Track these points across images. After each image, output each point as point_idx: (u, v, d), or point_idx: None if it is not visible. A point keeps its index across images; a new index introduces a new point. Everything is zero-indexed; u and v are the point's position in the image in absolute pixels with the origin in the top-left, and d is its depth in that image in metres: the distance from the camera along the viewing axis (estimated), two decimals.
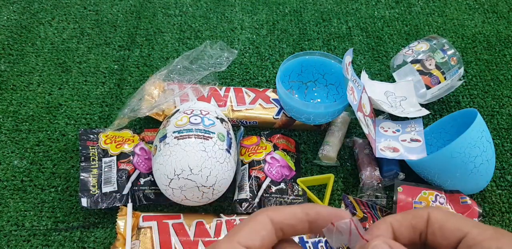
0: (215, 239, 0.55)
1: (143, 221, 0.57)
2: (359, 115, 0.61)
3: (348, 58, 0.62)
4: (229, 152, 0.57)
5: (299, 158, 0.68)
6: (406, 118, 0.71)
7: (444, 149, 0.55)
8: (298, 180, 0.62)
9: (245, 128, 0.71)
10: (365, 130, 0.61)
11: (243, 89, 0.72)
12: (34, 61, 0.79)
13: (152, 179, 0.60)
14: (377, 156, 0.62)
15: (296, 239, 0.56)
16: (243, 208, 0.58)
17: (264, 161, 0.62)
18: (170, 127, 0.58)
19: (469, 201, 0.59)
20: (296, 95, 0.72)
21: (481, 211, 0.59)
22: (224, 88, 0.72)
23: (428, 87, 0.71)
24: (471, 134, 0.55)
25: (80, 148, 0.63)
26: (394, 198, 0.59)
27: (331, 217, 0.25)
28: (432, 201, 0.59)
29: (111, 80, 0.77)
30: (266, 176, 0.61)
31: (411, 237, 0.26)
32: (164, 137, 0.57)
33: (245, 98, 0.71)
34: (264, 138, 0.67)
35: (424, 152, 0.62)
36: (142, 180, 0.60)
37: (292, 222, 0.25)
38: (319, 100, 0.73)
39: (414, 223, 0.26)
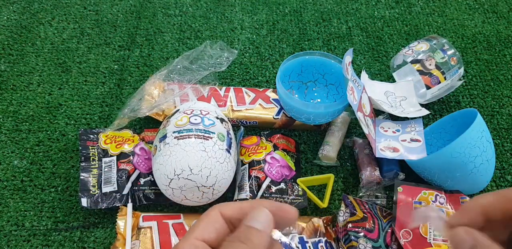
0: None
1: (143, 221, 0.57)
2: (359, 115, 0.61)
3: (348, 58, 0.62)
4: (229, 152, 0.57)
5: (299, 158, 0.68)
6: (406, 118, 0.71)
7: (444, 149, 0.55)
8: (298, 180, 0.62)
9: (245, 128, 0.71)
10: (365, 130, 0.61)
11: (243, 89, 0.72)
12: (34, 61, 0.79)
13: (152, 179, 0.60)
14: (377, 156, 0.62)
15: (296, 239, 0.56)
16: None
17: (264, 161, 0.62)
18: (170, 127, 0.58)
19: (467, 197, 0.60)
20: (296, 95, 0.72)
21: None
22: (224, 88, 0.72)
23: (428, 87, 0.71)
24: (471, 134, 0.55)
25: (80, 148, 0.63)
26: (394, 198, 0.59)
27: (276, 212, 0.26)
28: (432, 201, 0.59)
29: (111, 80, 0.77)
30: (266, 176, 0.61)
31: (505, 221, 0.26)
32: (164, 137, 0.57)
33: (245, 98, 0.71)
34: (264, 138, 0.67)
35: (424, 152, 0.62)
36: (142, 180, 0.60)
37: (240, 216, 0.26)
38: (319, 100, 0.73)
39: (505, 209, 0.25)
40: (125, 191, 0.59)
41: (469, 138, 0.55)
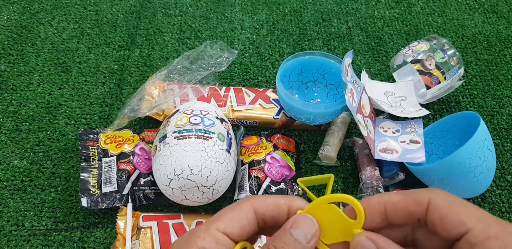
0: None
1: (143, 221, 0.57)
2: (358, 117, 0.60)
3: (347, 60, 0.62)
4: (229, 152, 0.57)
5: (299, 158, 0.68)
6: (406, 118, 0.71)
7: (444, 160, 0.55)
8: (298, 180, 0.62)
9: (245, 128, 0.71)
10: (364, 132, 0.61)
11: (243, 89, 0.72)
12: (34, 61, 0.79)
13: (152, 179, 0.60)
14: (375, 157, 0.62)
15: None
16: None
17: (264, 161, 0.62)
18: (170, 127, 0.58)
19: None
20: (296, 95, 0.72)
21: None
22: (224, 88, 0.72)
23: (428, 87, 0.71)
24: (472, 145, 0.54)
25: (80, 148, 0.63)
26: None
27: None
28: None
29: (111, 80, 0.77)
30: (266, 176, 0.61)
31: (406, 221, 0.24)
32: (164, 137, 0.57)
33: (245, 98, 0.71)
34: (264, 138, 0.67)
35: (422, 154, 0.62)
36: (142, 180, 0.60)
37: (274, 214, 0.25)
38: (319, 100, 0.73)
39: (412, 210, 0.24)
40: (125, 191, 0.59)
41: (470, 149, 0.54)
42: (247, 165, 0.62)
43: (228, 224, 0.24)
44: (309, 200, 0.62)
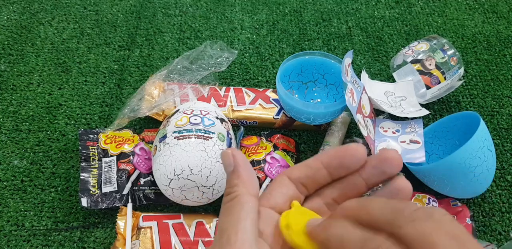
0: None
1: (143, 221, 0.57)
2: (358, 117, 0.60)
3: (347, 60, 0.62)
4: None
5: (299, 158, 0.68)
6: (406, 118, 0.71)
7: (444, 160, 0.55)
8: None
9: (245, 128, 0.71)
10: (364, 132, 0.61)
11: (243, 89, 0.72)
12: (34, 61, 0.79)
13: (152, 179, 0.60)
14: None
15: None
16: None
17: (264, 161, 0.62)
18: (170, 127, 0.58)
19: (459, 203, 0.61)
20: (296, 95, 0.72)
21: (471, 214, 0.60)
22: (224, 88, 0.72)
23: (428, 87, 0.71)
24: (472, 145, 0.54)
25: (80, 148, 0.63)
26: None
27: (342, 154, 0.25)
28: (426, 203, 0.60)
29: (111, 80, 0.77)
30: (266, 176, 0.61)
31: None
32: (164, 137, 0.57)
33: (245, 98, 0.71)
34: (264, 138, 0.67)
35: (422, 154, 0.62)
36: (142, 180, 0.60)
37: (309, 174, 0.25)
38: (319, 100, 0.73)
39: (368, 220, 0.22)
40: (125, 191, 0.59)
41: (470, 149, 0.54)
42: None
43: (271, 198, 0.25)
44: None
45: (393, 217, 0.20)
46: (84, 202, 0.58)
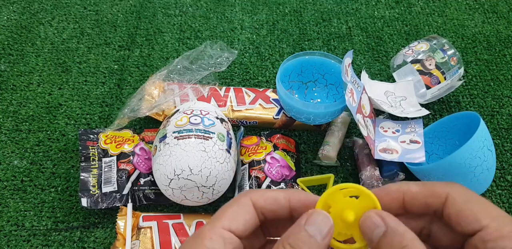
0: None
1: (143, 221, 0.57)
2: (358, 117, 0.60)
3: (347, 60, 0.62)
4: (229, 152, 0.57)
5: (299, 158, 0.68)
6: (406, 118, 0.71)
7: (444, 160, 0.55)
8: (298, 180, 0.62)
9: (245, 128, 0.71)
10: (364, 132, 0.61)
11: (243, 89, 0.72)
12: (34, 61, 0.79)
13: (152, 179, 0.60)
14: (375, 157, 0.62)
15: None
16: None
17: (264, 161, 0.62)
18: (170, 127, 0.58)
19: None
20: (296, 95, 0.72)
21: None
22: (224, 88, 0.72)
23: (428, 87, 0.71)
24: (472, 145, 0.54)
25: (80, 148, 0.63)
26: None
27: (312, 206, 0.24)
28: None
29: (111, 80, 0.77)
30: (266, 176, 0.61)
31: (423, 212, 0.25)
32: (164, 137, 0.57)
33: (245, 98, 0.71)
34: (264, 138, 0.67)
35: (422, 154, 0.62)
36: (142, 180, 0.60)
37: (273, 208, 0.25)
38: (319, 100, 0.73)
39: (430, 202, 0.24)
40: (125, 191, 0.59)
41: (470, 149, 0.54)
42: (247, 165, 0.62)
43: (232, 221, 0.24)
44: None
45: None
46: (84, 202, 0.58)
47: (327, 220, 0.23)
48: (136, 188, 0.60)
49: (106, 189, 0.59)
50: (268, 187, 0.60)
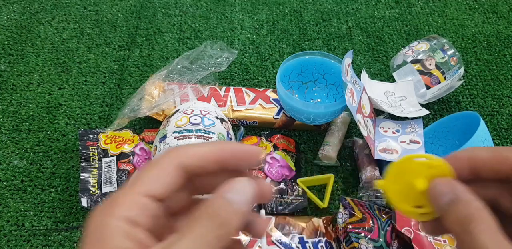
0: None
1: None
2: (358, 117, 0.60)
3: (347, 60, 0.62)
4: None
5: (299, 158, 0.68)
6: (406, 118, 0.71)
7: None
8: (298, 180, 0.62)
9: (245, 128, 0.71)
10: (364, 132, 0.61)
11: (243, 89, 0.72)
12: (34, 61, 0.79)
13: None
14: (375, 157, 0.62)
15: (296, 239, 0.56)
16: None
17: (264, 161, 0.62)
18: (170, 127, 0.58)
19: None
20: (296, 95, 0.72)
21: None
22: (224, 88, 0.72)
23: (428, 87, 0.71)
24: (472, 145, 0.54)
25: (80, 148, 0.63)
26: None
27: (242, 156, 0.23)
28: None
29: (111, 80, 0.77)
30: (266, 176, 0.61)
31: (493, 178, 0.24)
32: (164, 137, 0.57)
33: (245, 98, 0.71)
34: (264, 138, 0.67)
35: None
36: None
37: (202, 164, 0.23)
38: (319, 100, 0.73)
39: (500, 168, 0.24)
40: None
41: None
42: None
43: (151, 185, 0.22)
44: (309, 200, 0.62)
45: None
46: (84, 202, 0.58)
47: (248, 186, 0.22)
48: None
49: (106, 189, 0.59)
50: None
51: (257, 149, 0.24)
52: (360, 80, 0.71)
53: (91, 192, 0.59)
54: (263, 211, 0.58)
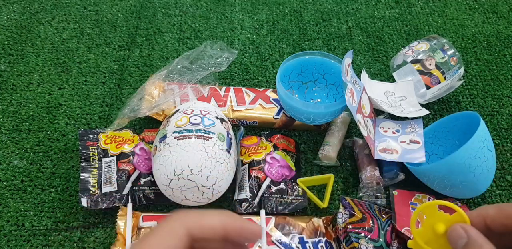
0: None
1: (143, 221, 0.57)
2: (358, 117, 0.60)
3: (347, 60, 0.62)
4: (229, 152, 0.57)
5: (299, 158, 0.68)
6: (406, 118, 0.71)
7: (444, 160, 0.55)
8: (298, 180, 0.62)
9: (245, 128, 0.71)
10: (364, 132, 0.61)
11: (243, 89, 0.72)
12: (34, 61, 0.79)
13: (152, 179, 0.60)
14: (375, 157, 0.62)
15: (296, 239, 0.56)
16: (243, 208, 0.58)
17: (264, 161, 0.62)
18: (170, 127, 0.58)
19: (459, 203, 0.62)
20: (296, 95, 0.72)
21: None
22: (224, 88, 0.72)
23: (428, 87, 0.71)
24: (472, 145, 0.54)
25: (80, 148, 0.63)
26: (391, 199, 0.59)
27: (246, 234, 0.26)
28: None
29: (111, 80, 0.77)
30: (266, 176, 0.61)
31: (504, 230, 0.28)
32: (164, 137, 0.57)
33: (245, 98, 0.71)
34: (264, 138, 0.67)
35: (422, 154, 0.62)
36: (142, 180, 0.60)
37: (208, 237, 0.25)
38: (319, 100, 0.73)
39: (506, 223, 0.28)
40: (125, 191, 0.59)
41: (470, 149, 0.54)
42: (247, 165, 0.62)
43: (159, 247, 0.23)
44: (309, 200, 0.62)
45: None
46: (84, 202, 0.58)
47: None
48: (136, 188, 0.60)
49: (106, 189, 0.59)
50: (268, 187, 0.60)
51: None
52: (360, 80, 0.71)
53: (91, 192, 0.59)
54: (263, 211, 0.58)
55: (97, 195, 0.59)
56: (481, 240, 0.27)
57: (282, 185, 0.61)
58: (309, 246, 0.55)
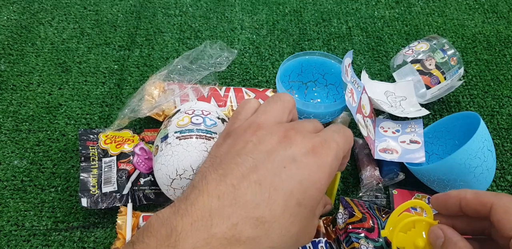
0: None
1: (143, 221, 0.57)
2: (358, 117, 0.60)
3: (347, 60, 0.62)
4: None
5: None
6: (406, 118, 0.71)
7: (444, 161, 0.55)
8: None
9: None
10: (364, 133, 0.61)
11: (243, 89, 0.72)
12: (34, 61, 0.79)
13: (152, 179, 0.60)
14: (375, 158, 0.62)
15: None
16: None
17: None
18: (172, 127, 0.58)
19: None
20: (296, 95, 0.72)
21: None
22: (224, 88, 0.72)
23: (428, 87, 0.71)
24: (472, 145, 0.54)
25: (80, 148, 0.63)
26: (390, 198, 0.59)
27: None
28: (426, 203, 0.60)
29: (111, 80, 0.77)
30: None
31: (476, 216, 0.31)
32: (166, 137, 0.57)
33: (245, 98, 0.71)
34: None
35: (422, 154, 0.62)
36: (142, 180, 0.60)
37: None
38: (319, 100, 0.73)
39: (479, 209, 0.30)
40: (125, 191, 0.59)
41: (470, 150, 0.54)
42: None
43: (279, 115, 0.38)
44: None
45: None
46: (84, 202, 0.58)
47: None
48: (136, 188, 0.60)
49: (106, 189, 0.59)
50: None
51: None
52: (360, 80, 0.71)
53: (91, 192, 0.59)
54: None
55: (97, 195, 0.59)
56: (456, 237, 0.30)
57: None
58: (309, 246, 0.55)
